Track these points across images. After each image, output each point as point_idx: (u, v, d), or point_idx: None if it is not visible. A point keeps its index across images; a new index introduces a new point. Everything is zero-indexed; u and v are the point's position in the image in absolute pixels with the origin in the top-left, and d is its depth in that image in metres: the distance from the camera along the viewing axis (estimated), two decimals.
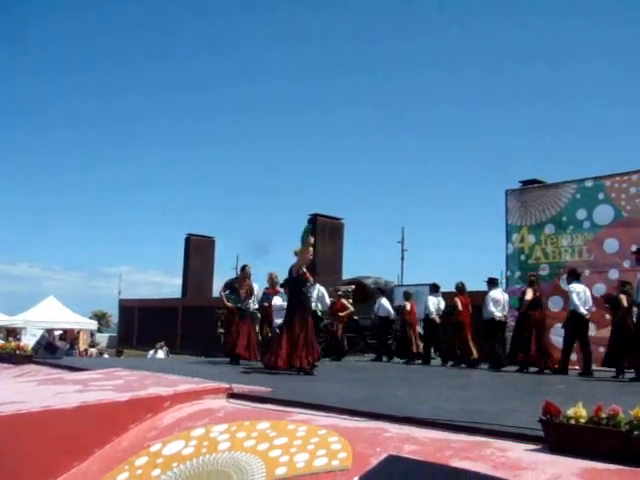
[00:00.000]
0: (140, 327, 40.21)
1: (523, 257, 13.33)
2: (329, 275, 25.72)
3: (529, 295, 10.92)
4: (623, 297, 9.52)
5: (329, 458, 3.77)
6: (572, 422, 3.37)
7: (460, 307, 12.20)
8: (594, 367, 10.05)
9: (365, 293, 19.14)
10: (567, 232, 12.63)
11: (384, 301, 14.18)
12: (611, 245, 11.71)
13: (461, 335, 12.19)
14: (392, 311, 14.16)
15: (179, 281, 41.05)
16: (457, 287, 12.64)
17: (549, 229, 12.96)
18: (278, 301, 9.82)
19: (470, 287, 12.78)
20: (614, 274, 11.51)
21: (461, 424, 4.09)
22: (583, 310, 10.19)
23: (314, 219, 31.57)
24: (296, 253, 8.80)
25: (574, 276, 10.63)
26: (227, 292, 10.49)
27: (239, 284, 10.46)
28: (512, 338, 11.28)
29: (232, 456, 4.03)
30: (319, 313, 11.69)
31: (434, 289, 13.57)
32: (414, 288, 16.14)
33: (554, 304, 12.02)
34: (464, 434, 3.94)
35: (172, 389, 5.38)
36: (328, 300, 12.18)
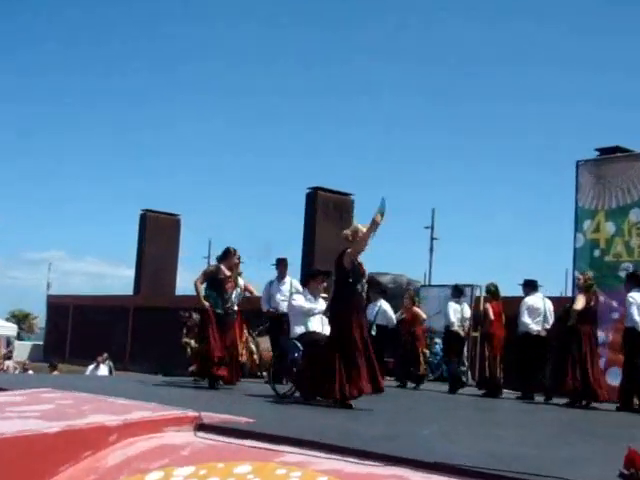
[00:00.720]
0: (75, 333, 40.37)
1: (597, 252, 13.33)
2: (332, 268, 25.75)
3: (580, 304, 10.99)
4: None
5: None
6: None
7: (492, 316, 12.37)
8: None
9: (381, 294, 19.14)
10: None
11: (385, 305, 14.31)
12: None
13: (490, 352, 12.39)
14: (394, 318, 14.31)
15: (130, 273, 41.25)
16: (488, 290, 12.83)
17: (636, 215, 12.95)
18: (300, 300, 9.57)
19: (513, 291, 12.93)
20: None
21: (508, 474, 4.10)
22: None
23: (314, 194, 31.56)
24: (347, 237, 8.49)
25: (634, 281, 10.70)
26: (205, 286, 10.33)
27: (224, 277, 10.31)
28: (554, 360, 11.51)
29: None
30: None
31: (457, 293, 13.71)
32: (439, 290, 16.20)
33: None
34: None
35: (120, 418, 5.39)
36: None
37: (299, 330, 9.34)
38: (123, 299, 39.33)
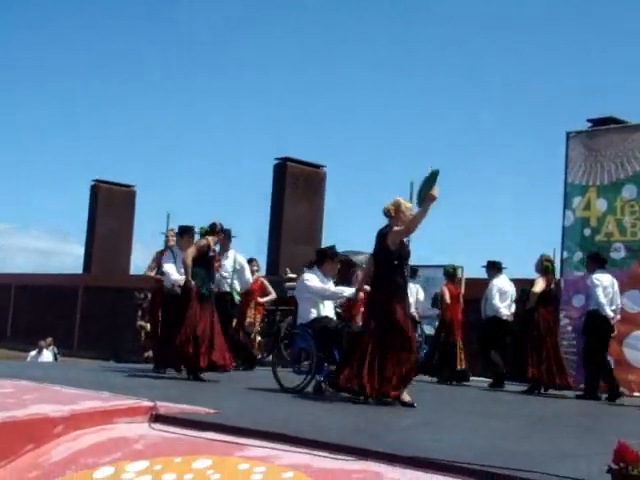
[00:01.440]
0: (17, 315, 40.05)
1: (588, 231, 13.40)
2: (302, 245, 25.74)
3: (538, 286, 11.29)
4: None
5: None
6: None
7: (448, 299, 12.65)
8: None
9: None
10: None
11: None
12: None
13: (448, 338, 12.68)
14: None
15: (80, 249, 40.95)
16: (446, 272, 13.14)
17: (629, 192, 13.03)
18: (314, 281, 9.11)
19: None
20: None
21: (489, 470, 4.12)
22: (609, 311, 10.55)
23: (282, 165, 31.48)
24: (389, 211, 8.28)
25: (598, 262, 10.85)
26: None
27: (214, 254, 10.23)
28: (514, 345, 11.83)
29: None
30: (235, 296, 11.93)
31: (411, 273, 13.81)
32: (424, 271, 16.25)
33: (632, 301, 12.15)
34: None
35: (66, 408, 5.35)
36: (249, 275, 12.39)
37: (311, 315, 8.98)
38: (71, 278, 39.01)
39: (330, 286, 9.18)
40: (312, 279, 9.12)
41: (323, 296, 9.10)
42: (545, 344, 11.03)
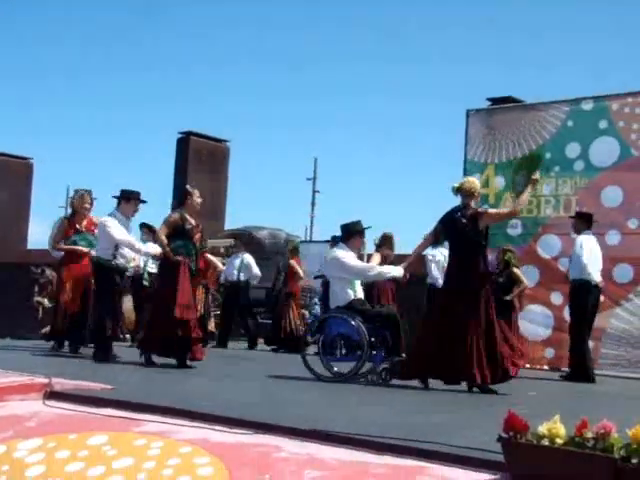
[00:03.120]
0: None
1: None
2: (207, 221, 25.50)
3: (375, 261, 11.49)
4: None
5: None
6: (545, 443, 3.48)
7: (301, 273, 13.81)
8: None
9: (257, 251, 19.21)
10: (551, 175, 12.98)
11: (249, 258, 14.54)
12: (612, 196, 12.13)
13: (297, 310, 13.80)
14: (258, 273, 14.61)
15: None
16: (293, 247, 14.24)
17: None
18: (351, 258, 8.58)
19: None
20: (614, 238, 11.96)
21: (386, 442, 4.17)
22: (596, 277, 10.38)
23: (185, 139, 31.08)
24: (472, 191, 8.11)
25: (586, 222, 10.94)
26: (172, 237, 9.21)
27: (191, 226, 9.30)
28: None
29: None
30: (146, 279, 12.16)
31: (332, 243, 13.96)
32: (321, 247, 16.38)
33: (528, 277, 12.42)
34: (391, 455, 4.03)
35: None
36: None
37: (348, 296, 8.44)
38: None
39: (374, 264, 8.78)
40: (349, 257, 8.59)
41: (365, 275, 8.75)
42: None
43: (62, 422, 4.77)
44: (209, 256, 14.08)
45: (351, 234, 8.77)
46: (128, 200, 9.81)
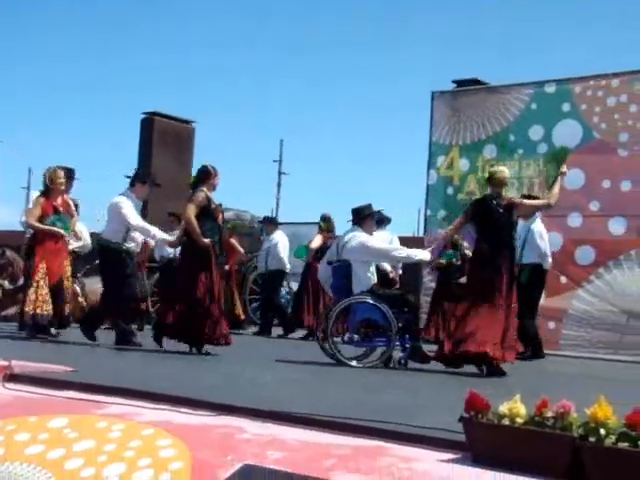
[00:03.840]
0: None
1: (451, 190, 13.72)
2: (171, 202, 25.38)
3: (316, 242, 12.31)
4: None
5: (157, 470, 3.76)
6: (505, 422, 3.51)
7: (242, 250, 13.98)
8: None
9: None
10: (515, 157, 13.08)
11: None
12: (574, 179, 12.18)
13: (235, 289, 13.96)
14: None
15: None
16: (233, 225, 14.47)
17: (489, 151, 13.38)
18: (375, 241, 8.55)
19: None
20: (576, 220, 12.08)
21: (348, 422, 4.18)
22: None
23: (150, 120, 30.84)
24: (504, 180, 8.21)
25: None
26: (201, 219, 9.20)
27: (215, 206, 8.90)
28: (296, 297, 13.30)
29: (6, 470, 3.93)
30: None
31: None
32: (285, 228, 16.42)
33: None
34: (352, 436, 4.04)
35: None
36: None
37: (371, 281, 8.43)
38: None
39: (402, 247, 8.74)
40: (372, 240, 8.55)
41: (394, 258, 8.74)
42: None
43: (22, 405, 4.73)
44: (233, 240, 13.99)
45: (364, 217, 8.65)
46: (144, 182, 9.51)
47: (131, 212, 9.10)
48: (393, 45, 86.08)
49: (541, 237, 10.46)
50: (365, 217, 8.63)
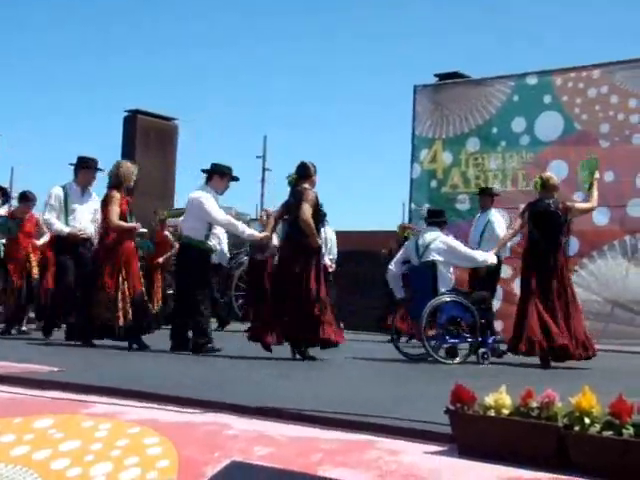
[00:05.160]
0: None
1: (434, 183, 13.76)
2: (155, 200, 25.37)
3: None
4: None
5: (143, 469, 3.75)
6: (491, 413, 3.52)
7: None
8: None
9: None
10: (497, 150, 13.13)
11: None
12: (557, 170, 12.24)
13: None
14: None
15: None
16: (160, 217, 14.20)
17: (473, 145, 13.42)
18: (459, 244, 9.00)
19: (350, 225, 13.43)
20: None
21: (335, 417, 4.18)
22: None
23: (132, 118, 30.74)
24: (557, 186, 8.77)
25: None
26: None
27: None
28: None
29: None
30: None
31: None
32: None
33: None
34: (339, 431, 4.04)
35: None
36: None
37: (452, 281, 8.89)
38: None
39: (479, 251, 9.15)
40: (458, 243, 9.00)
41: (476, 262, 9.04)
42: None
43: (6, 406, 4.70)
44: (166, 232, 14.03)
45: (444, 221, 9.23)
46: (223, 175, 8.97)
47: (215, 208, 8.72)
48: (377, 38, 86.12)
49: (500, 227, 10.67)
50: (444, 221, 9.23)
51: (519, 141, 12.86)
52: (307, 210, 8.14)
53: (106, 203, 8.88)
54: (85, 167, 9.46)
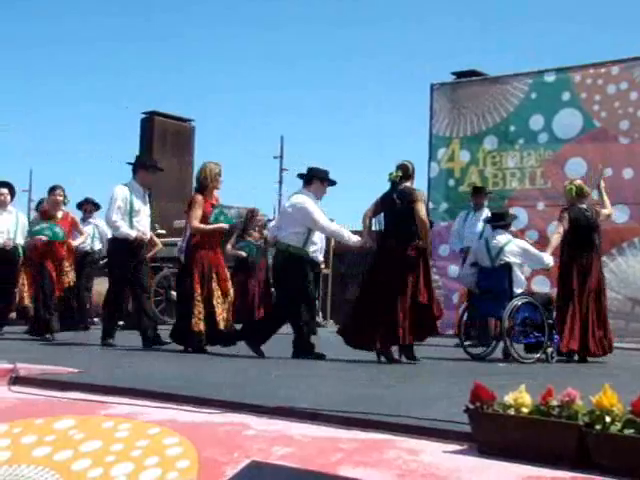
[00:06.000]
0: None
1: (452, 182, 13.73)
2: (173, 202, 25.47)
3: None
4: None
5: (164, 469, 3.76)
6: (511, 412, 3.51)
7: None
8: None
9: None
10: (515, 148, 13.08)
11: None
12: (576, 167, 12.26)
13: None
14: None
15: None
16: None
17: (490, 143, 13.37)
18: (533, 247, 9.54)
19: None
20: None
21: (355, 416, 4.18)
22: None
23: (150, 119, 30.93)
24: (585, 193, 9.24)
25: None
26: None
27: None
28: None
29: (13, 473, 3.92)
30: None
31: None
32: None
33: None
34: (359, 430, 4.04)
35: None
36: None
37: (524, 283, 9.40)
38: None
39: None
40: (530, 246, 9.45)
41: (544, 263, 9.25)
42: None
43: (28, 407, 4.72)
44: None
45: (507, 221, 9.44)
46: (323, 180, 8.71)
47: (319, 214, 8.49)
48: (393, 37, 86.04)
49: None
50: (509, 224, 9.45)
51: (537, 139, 12.82)
52: (423, 209, 8.10)
53: (189, 207, 8.85)
54: (144, 167, 9.35)
